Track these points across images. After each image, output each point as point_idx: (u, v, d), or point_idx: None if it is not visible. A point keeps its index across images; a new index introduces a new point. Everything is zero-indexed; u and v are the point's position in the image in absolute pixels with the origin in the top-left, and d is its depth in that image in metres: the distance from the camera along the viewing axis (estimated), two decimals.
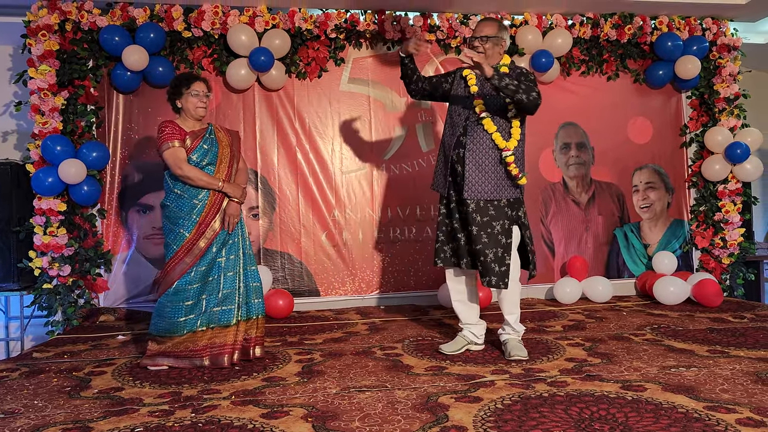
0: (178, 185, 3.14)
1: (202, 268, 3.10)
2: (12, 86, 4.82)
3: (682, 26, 5.15)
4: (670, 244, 5.31)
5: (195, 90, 3.16)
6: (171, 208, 3.14)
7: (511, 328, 3.20)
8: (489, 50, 3.14)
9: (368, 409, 2.39)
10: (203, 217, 3.11)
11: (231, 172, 3.24)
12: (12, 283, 4.27)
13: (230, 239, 3.19)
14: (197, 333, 3.09)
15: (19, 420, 2.38)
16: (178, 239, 3.09)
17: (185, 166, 3.08)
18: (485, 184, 3.05)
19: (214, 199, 3.14)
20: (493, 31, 3.14)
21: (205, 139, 3.19)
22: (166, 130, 3.11)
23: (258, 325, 3.23)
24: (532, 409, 2.33)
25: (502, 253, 3.04)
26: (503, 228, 3.05)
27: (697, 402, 2.37)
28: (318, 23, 4.71)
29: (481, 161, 3.07)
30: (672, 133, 5.38)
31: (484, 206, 3.06)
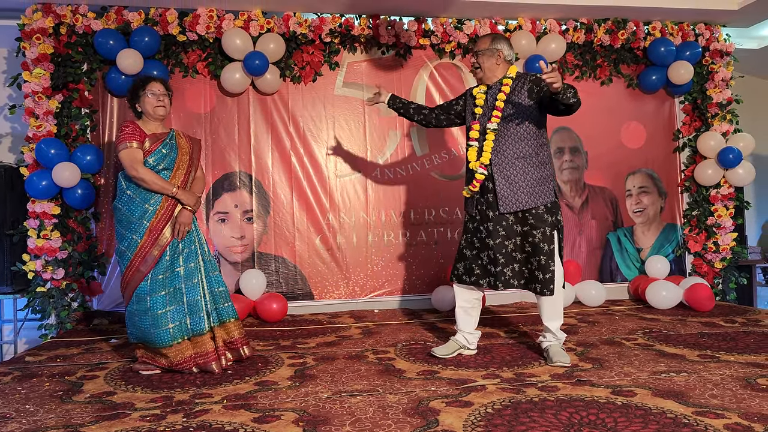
0: (131, 187, 3.09)
1: (159, 276, 3.05)
2: (6, 89, 4.82)
3: (675, 32, 5.18)
4: (663, 249, 5.33)
5: (151, 90, 3.13)
6: (122, 212, 3.08)
7: (552, 335, 3.18)
8: (484, 63, 3.17)
9: (359, 413, 2.40)
10: (153, 223, 3.05)
11: (187, 179, 3.19)
12: (5, 286, 4.27)
13: (186, 247, 3.14)
14: (174, 346, 3.03)
15: (10, 424, 2.38)
16: (131, 246, 3.04)
17: (140, 168, 3.04)
18: (518, 194, 3.06)
19: (167, 205, 3.09)
20: (485, 45, 3.17)
21: (165, 144, 3.15)
22: (126, 130, 3.08)
23: (234, 328, 3.21)
24: (522, 414, 2.34)
25: (546, 260, 3.03)
26: (544, 235, 3.04)
27: (686, 407, 2.38)
28: (313, 27, 4.73)
29: (509, 173, 3.07)
30: (665, 138, 5.41)
31: (523, 216, 3.08)
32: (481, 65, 3.19)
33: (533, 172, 3.08)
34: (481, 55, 3.18)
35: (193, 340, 3.09)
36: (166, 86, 3.21)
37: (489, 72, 3.18)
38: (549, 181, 3.11)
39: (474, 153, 3.17)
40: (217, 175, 4.77)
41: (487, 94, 3.20)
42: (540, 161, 3.10)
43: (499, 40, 3.18)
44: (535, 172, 3.08)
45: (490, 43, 3.17)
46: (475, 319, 3.34)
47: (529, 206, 3.06)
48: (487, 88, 3.22)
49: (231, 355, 3.18)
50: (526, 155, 3.08)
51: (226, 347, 3.16)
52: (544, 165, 3.11)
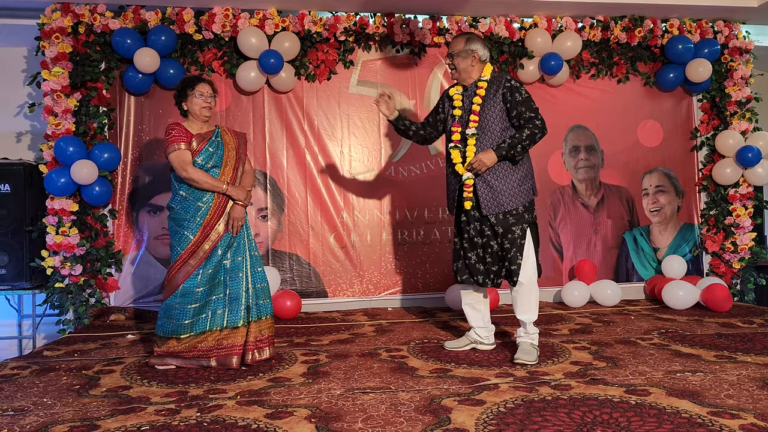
0: (183, 187, 3.17)
1: (209, 270, 3.13)
2: (26, 88, 4.89)
3: (693, 29, 5.13)
4: (680, 248, 5.28)
5: (199, 91, 3.20)
6: (176, 210, 3.17)
7: (523, 330, 3.19)
8: (459, 65, 3.18)
9: (371, 410, 2.41)
10: (207, 220, 3.13)
11: (236, 174, 3.26)
12: (25, 282, 4.33)
13: (235, 241, 3.21)
14: (205, 334, 3.11)
15: (28, 417, 2.42)
16: (182, 241, 3.12)
17: (190, 169, 3.10)
18: (499, 197, 3.09)
19: (219, 201, 3.16)
20: (460, 47, 3.18)
21: (211, 142, 3.21)
22: (172, 132, 3.15)
23: (267, 326, 3.25)
24: (534, 413, 2.34)
25: (515, 252, 3.09)
26: (523, 231, 3.11)
27: (701, 407, 2.36)
28: (327, 26, 4.74)
29: (489, 177, 3.10)
30: (682, 137, 5.35)
31: (504, 217, 3.10)
32: (457, 66, 3.20)
33: (512, 174, 3.11)
34: (456, 56, 3.19)
35: (224, 331, 3.13)
36: (213, 88, 3.28)
37: (464, 73, 3.20)
38: (527, 180, 3.15)
39: (458, 155, 3.19)
40: None
41: (464, 96, 3.23)
42: (520, 162, 3.13)
43: (474, 41, 3.19)
44: (513, 173, 3.11)
45: (464, 44, 3.17)
46: (484, 314, 3.36)
47: (509, 208, 3.09)
48: (464, 89, 3.24)
49: (258, 354, 3.17)
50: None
51: (255, 345, 3.17)
52: (521, 165, 3.14)
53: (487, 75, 3.18)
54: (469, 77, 3.21)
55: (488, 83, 3.15)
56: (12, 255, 4.30)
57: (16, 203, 4.32)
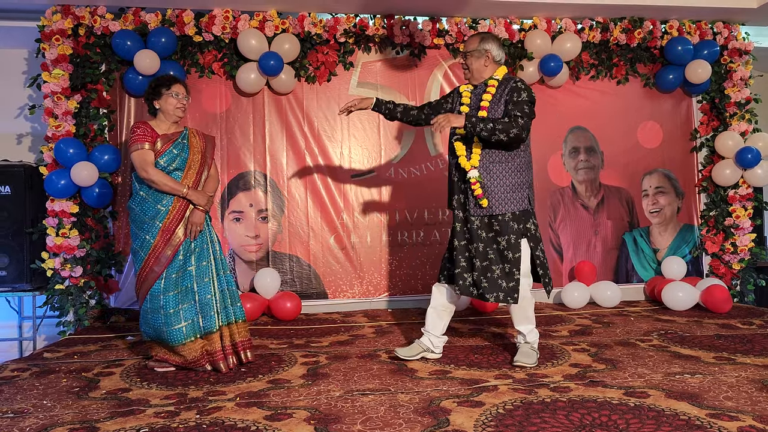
0: (143, 188, 3.12)
1: (172, 275, 3.08)
2: (26, 89, 4.90)
3: (692, 30, 5.13)
4: (679, 249, 5.28)
5: (175, 91, 3.15)
6: (136, 212, 3.13)
7: (523, 337, 3.17)
8: (472, 64, 3.14)
9: (370, 412, 2.41)
10: (166, 224, 3.08)
11: (199, 179, 3.20)
12: (25, 283, 4.33)
13: (198, 246, 3.16)
14: (187, 344, 3.06)
15: (27, 419, 2.43)
16: (144, 245, 3.08)
17: (150, 170, 3.06)
18: (489, 199, 3.03)
19: (178, 205, 3.10)
20: (473, 45, 3.13)
21: (176, 144, 3.16)
22: (137, 131, 3.11)
23: (240, 330, 3.21)
24: (533, 415, 2.34)
25: (510, 269, 3.00)
26: (509, 243, 3.01)
27: (699, 409, 2.36)
28: (327, 27, 4.75)
29: (483, 177, 3.05)
30: (682, 138, 5.35)
31: (489, 222, 3.05)
32: (470, 66, 3.16)
33: (507, 178, 3.04)
34: (469, 55, 3.15)
35: (206, 338, 3.11)
36: (186, 90, 3.25)
37: (477, 73, 3.15)
38: (523, 189, 3.06)
39: (462, 148, 3.11)
40: (232, 174, 4.81)
41: (473, 94, 3.19)
42: (516, 167, 3.06)
43: (488, 40, 3.13)
44: (508, 177, 3.04)
45: (478, 44, 3.12)
46: (445, 323, 3.29)
47: (497, 212, 3.02)
48: (474, 87, 3.20)
49: (235, 359, 3.16)
50: (502, 160, 3.04)
51: (231, 349, 3.16)
52: (519, 171, 3.06)
53: (500, 75, 3.12)
54: (481, 77, 3.15)
55: (499, 83, 3.10)
56: (12, 257, 4.30)
57: (16, 205, 4.32)
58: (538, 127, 5.09)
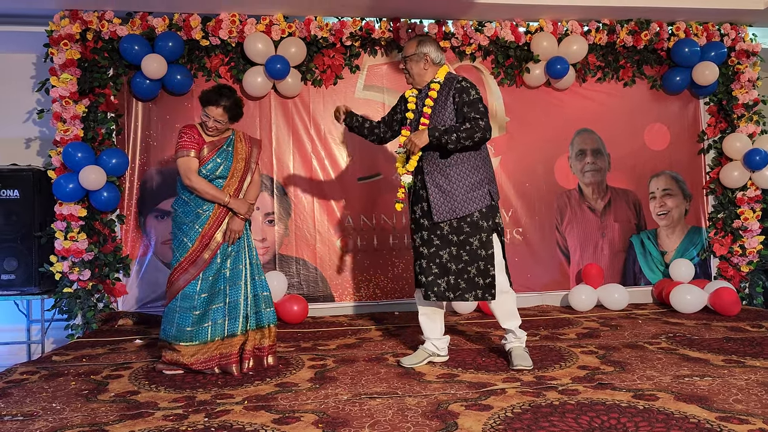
0: (185, 192, 3.17)
1: (209, 277, 3.12)
2: (35, 94, 4.94)
3: (699, 32, 5.12)
4: (687, 252, 5.26)
5: (206, 113, 3.13)
6: (178, 213, 3.17)
7: (512, 335, 3.15)
8: (412, 69, 3.13)
9: (378, 415, 2.41)
10: (206, 229, 3.11)
11: (241, 186, 3.23)
12: (34, 287, 4.36)
13: (234, 250, 3.20)
14: (207, 344, 3.09)
15: (37, 423, 2.44)
16: (182, 247, 3.12)
17: (194, 177, 3.09)
18: (451, 202, 3.01)
19: (219, 212, 3.14)
20: (411, 50, 3.12)
21: (221, 152, 3.18)
22: (184, 137, 3.13)
23: (270, 335, 3.24)
24: (542, 418, 2.33)
25: (485, 266, 3.00)
26: (482, 241, 3.00)
27: (709, 412, 2.35)
28: (334, 31, 4.76)
29: (440, 181, 3.03)
30: (689, 140, 5.34)
31: (458, 225, 3.03)
32: (410, 71, 3.15)
33: (465, 178, 3.02)
34: (408, 60, 3.14)
35: (225, 340, 3.12)
36: (225, 110, 3.12)
37: (418, 77, 3.14)
38: (483, 185, 3.04)
39: (402, 158, 3.14)
40: None
41: (417, 98, 3.18)
42: (472, 166, 3.04)
43: (426, 43, 3.12)
44: (467, 177, 3.02)
45: (416, 48, 3.11)
46: (440, 325, 3.27)
47: (462, 213, 3.00)
48: (418, 92, 3.19)
49: (253, 363, 3.18)
50: (457, 162, 3.03)
51: (252, 353, 3.17)
52: (477, 169, 3.04)
53: (441, 77, 3.10)
54: (423, 80, 3.14)
55: (441, 85, 3.08)
56: (21, 260, 4.33)
57: (25, 209, 4.35)
58: (545, 130, 5.11)
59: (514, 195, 5.08)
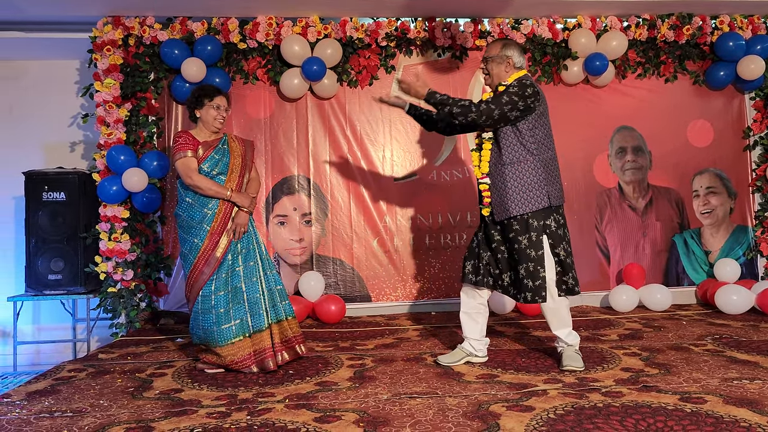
0: (189, 194, 3.21)
1: (222, 275, 3.17)
2: (79, 99, 5.07)
3: (744, 25, 4.97)
4: (733, 251, 5.11)
5: (217, 104, 3.24)
6: (183, 218, 3.22)
7: (563, 342, 3.11)
8: (493, 70, 3.12)
9: (419, 415, 2.41)
10: (214, 227, 3.17)
11: (242, 181, 3.30)
12: (79, 286, 4.48)
13: (244, 247, 3.25)
14: (236, 343, 3.13)
15: (86, 418, 2.50)
16: (193, 249, 3.17)
17: (195, 176, 3.15)
18: (506, 202, 3.00)
19: (224, 208, 3.20)
20: (495, 51, 3.11)
21: (217, 149, 3.25)
22: (179, 140, 3.20)
23: (291, 326, 3.29)
24: (585, 420, 2.30)
25: (534, 267, 2.96)
26: (531, 241, 2.97)
27: (761, 416, 2.28)
28: (369, 32, 4.77)
29: (497, 181, 3.04)
30: (734, 136, 5.19)
31: (509, 223, 3.03)
32: (490, 72, 3.14)
33: (521, 178, 2.99)
34: (490, 61, 3.13)
35: (254, 337, 3.16)
36: (228, 102, 3.35)
37: (497, 79, 3.12)
38: (541, 187, 2.99)
39: (476, 158, 3.18)
40: (276, 179, 4.87)
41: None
42: (530, 167, 3.00)
43: (510, 47, 3.11)
44: (523, 178, 2.99)
45: (500, 50, 3.10)
46: (482, 326, 3.25)
47: (514, 213, 2.99)
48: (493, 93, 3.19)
49: (287, 355, 3.23)
50: (514, 161, 3.00)
51: (282, 346, 3.23)
52: (535, 170, 3.00)
53: (510, 80, 3.08)
54: (499, 83, 3.14)
55: (506, 87, 3.05)
56: (67, 261, 4.45)
57: (71, 211, 4.48)
58: (583, 128, 5.03)
59: None
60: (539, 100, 3.00)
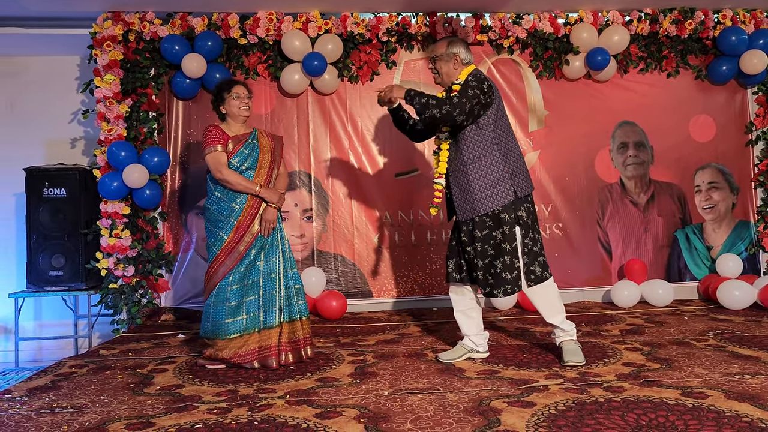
0: (218, 188, 3.23)
1: (241, 269, 3.18)
2: (80, 95, 5.05)
3: (747, 19, 4.95)
4: (735, 246, 5.10)
5: (236, 93, 3.27)
6: (211, 211, 3.24)
7: (560, 330, 3.10)
8: (441, 69, 3.11)
9: (420, 411, 2.40)
10: (241, 221, 3.19)
11: (270, 177, 3.31)
12: (80, 283, 4.47)
13: (268, 243, 3.25)
14: (244, 336, 3.14)
15: (86, 414, 2.50)
16: (218, 242, 3.19)
17: (225, 170, 3.17)
18: (472, 201, 3.01)
19: (252, 203, 3.22)
20: (441, 50, 3.11)
21: (247, 144, 3.27)
22: (209, 134, 3.22)
23: (303, 327, 3.28)
24: (587, 415, 2.29)
25: (510, 259, 2.97)
26: (504, 234, 2.98)
27: (762, 411, 2.27)
28: (370, 27, 4.75)
29: (461, 181, 3.04)
30: (736, 131, 5.17)
31: (480, 221, 3.01)
32: (439, 70, 3.14)
33: (484, 176, 2.99)
34: (438, 60, 3.12)
35: (262, 333, 3.17)
36: (248, 89, 3.36)
37: (446, 77, 3.12)
38: (505, 181, 2.98)
39: (435, 160, 3.18)
40: None
41: None
42: (490, 163, 2.99)
43: (456, 44, 3.10)
44: (486, 175, 2.99)
45: (446, 48, 3.09)
46: (478, 321, 3.24)
47: (483, 211, 2.99)
48: (446, 92, 3.16)
49: (292, 356, 3.22)
50: (474, 160, 3.00)
51: (289, 346, 3.22)
52: (495, 166, 2.99)
53: (462, 77, 3.06)
54: (450, 81, 3.12)
55: (461, 85, 3.02)
56: (68, 257, 4.45)
57: (72, 207, 4.47)
58: (585, 123, 5.02)
59: (554, 189, 5.00)
60: (495, 93, 3.02)
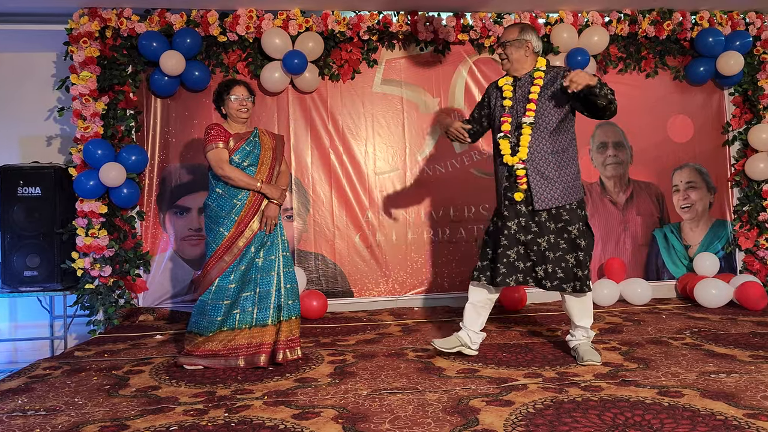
0: (219, 185, 3.24)
1: (242, 267, 3.18)
2: (55, 92, 4.97)
3: (724, 21, 5.01)
4: (712, 245, 5.16)
5: (235, 94, 3.28)
6: (212, 207, 3.24)
7: (583, 332, 3.12)
8: (512, 55, 3.09)
9: (398, 411, 2.39)
10: (242, 217, 3.19)
11: (272, 173, 3.33)
12: (56, 283, 4.40)
13: (269, 240, 3.26)
14: (235, 331, 3.15)
15: (59, 417, 2.46)
16: (218, 238, 3.19)
17: (226, 167, 3.17)
18: (554, 191, 2.98)
19: (253, 199, 3.23)
20: (513, 35, 3.08)
21: (248, 141, 3.29)
22: (212, 132, 3.24)
23: (297, 326, 3.29)
24: (564, 414, 2.30)
25: (584, 256, 2.98)
26: (580, 231, 2.99)
27: (737, 409, 2.29)
28: (351, 25, 4.73)
29: (543, 169, 2.99)
30: (714, 131, 5.23)
31: (557, 213, 3.00)
32: (509, 56, 3.10)
33: (567, 168, 3.02)
34: (509, 45, 3.09)
35: (254, 329, 3.16)
36: (249, 90, 3.35)
37: (517, 63, 3.09)
38: (579, 177, 3.07)
39: (507, 146, 3.07)
40: None
41: (516, 86, 3.11)
42: (572, 156, 3.05)
43: (528, 31, 3.08)
44: (568, 167, 3.02)
45: (518, 34, 3.07)
46: (483, 320, 3.24)
47: (563, 203, 2.99)
48: (514, 80, 3.13)
49: (290, 354, 3.20)
50: (560, 150, 3.01)
51: (286, 344, 3.20)
52: (574, 160, 3.06)
53: (543, 66, 3.08)
54: (522, 68, 3.09)
55: (546, 73, 3.03)
56: (43, 257, 4.37)
57: (47, 206, 4.39)
58: None
59: None
60: None
